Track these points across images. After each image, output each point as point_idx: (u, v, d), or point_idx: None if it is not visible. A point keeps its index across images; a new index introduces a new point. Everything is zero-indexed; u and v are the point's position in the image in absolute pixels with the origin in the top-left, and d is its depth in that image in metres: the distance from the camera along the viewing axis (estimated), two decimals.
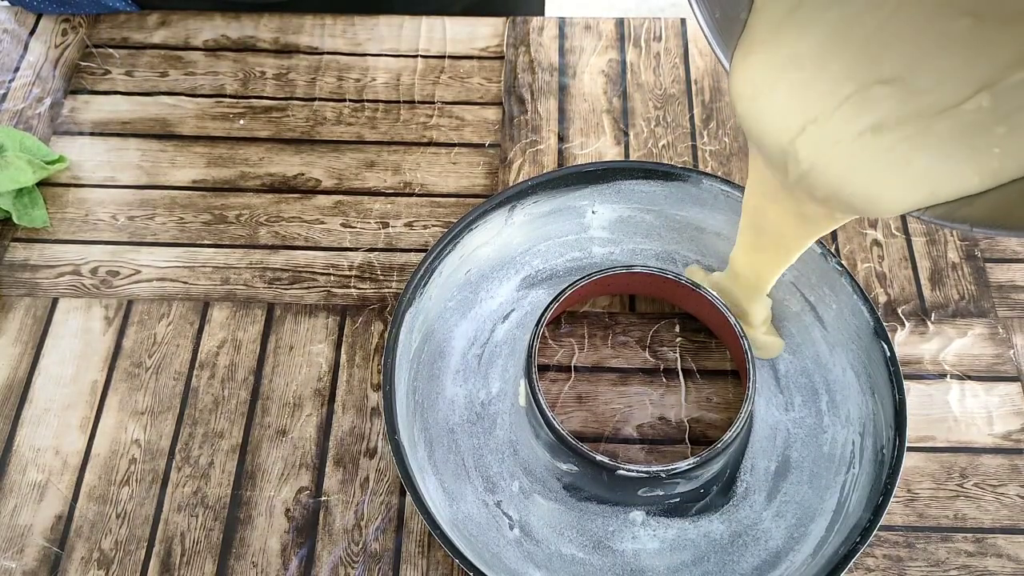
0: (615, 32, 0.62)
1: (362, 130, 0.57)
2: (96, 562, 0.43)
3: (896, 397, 0.42)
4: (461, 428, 0.46)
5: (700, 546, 0.43)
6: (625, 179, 0.50)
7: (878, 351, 0.44)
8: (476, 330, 0.49)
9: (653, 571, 0.42)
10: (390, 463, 0.46)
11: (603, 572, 0.42)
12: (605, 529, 0.43)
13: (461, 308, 0.49)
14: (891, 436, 0.42)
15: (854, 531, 0.40)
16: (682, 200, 0.50)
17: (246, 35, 0.61)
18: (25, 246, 0.52)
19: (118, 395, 0.47)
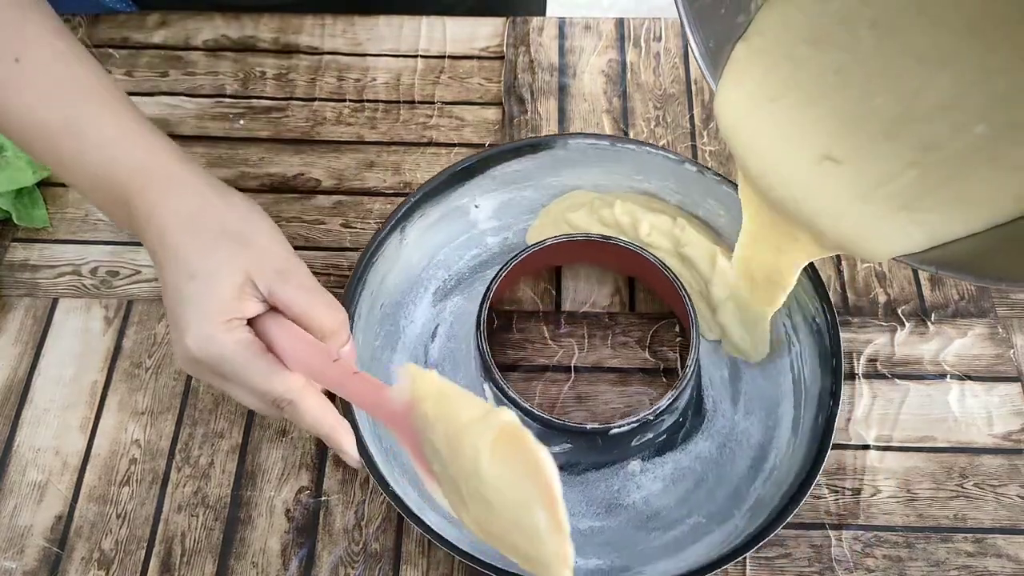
0: (615, 32, 0.62)
1: (362, 130, 0.57)
2: (96, 562, 0.43)
3: (808, 271, 0.45)
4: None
5: (696, 469, 0.46)
6: (496, 164, 0.51)
7: None
8: (411, 358, 0.48)
9: (665, 509, 0.45)
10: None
11: (623, 529, 0.44)
12: (610, 490, 0.45)
13: (389, 342, 0.48)
14: (817, 306, 0.46)
15: (823, 399, 0.44)
16: (554, 167, 0.51)
17: (246, 35, 0.61)
18: (25, 246, 0.52)
19: (118, 395, 0.47)
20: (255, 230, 0.40)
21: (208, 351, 0.37)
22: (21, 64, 0.39)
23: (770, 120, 0.38)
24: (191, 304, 0.37)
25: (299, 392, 0.38)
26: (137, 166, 0.39)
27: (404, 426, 0.36)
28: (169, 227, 0.38)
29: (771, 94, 0.38)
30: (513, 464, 0.32)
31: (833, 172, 0.37)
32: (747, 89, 0.38)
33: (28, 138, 0.40)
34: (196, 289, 0.37)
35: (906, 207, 0.36)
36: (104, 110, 0.40)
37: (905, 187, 0.36)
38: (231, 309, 0.37)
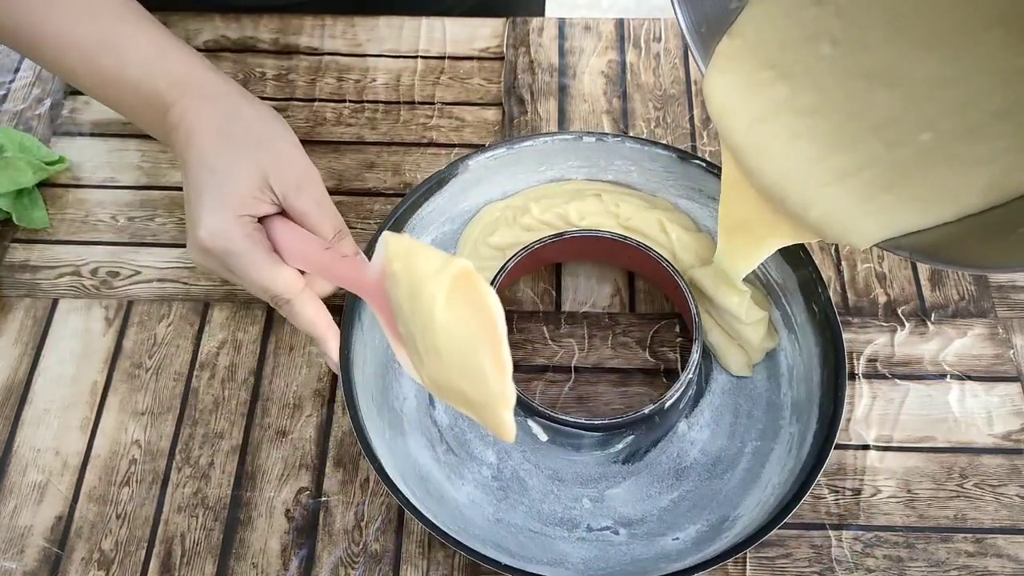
0: (615, 33, 0.62)
1: (362, 131, 0.57)
2: (96, 563, 0.43)
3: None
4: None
5: (728, 402, 0.48)
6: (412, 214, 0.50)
7: None
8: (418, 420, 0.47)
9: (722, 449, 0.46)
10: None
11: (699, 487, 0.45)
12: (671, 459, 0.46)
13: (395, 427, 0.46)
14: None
15: (827, 346, 0.45)
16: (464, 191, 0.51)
17: (246, 36, 0.61)
18: (25, 247, 0.52)
19: (118, 396, 0.47)
20: (278, 137, 0.43)
21: (218, 242, 0.40)
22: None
23: (755, 108, 0.39)
24: (208, 197, 0.40)
25: (297, 293, 0.41)
26: (174, 78, 0.43)
27: (378, 294, 0.39)
28: (198, 129, 0.41)
29: (756, 82, 0.39)
30: (464, 309, 0.34)
31: (811, 158, 0.38)
32: (733, 76, 0.40)
33: (66, 58, 0.43)
34: (215, 183, 0.40)
35: (880, 196, 0.37)
36: (138, 29, 0.43)
37: (878, 177, 0.37)
38: (245, 205, 0.40)
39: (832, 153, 0.38)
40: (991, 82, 0.35)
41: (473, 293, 0.34)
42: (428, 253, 0.36)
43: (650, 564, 0.42)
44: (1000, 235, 0.35)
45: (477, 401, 0.35)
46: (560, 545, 0.43)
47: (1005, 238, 0.34)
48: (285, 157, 0.42)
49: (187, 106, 0.42)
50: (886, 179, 0.37)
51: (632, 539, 0.44)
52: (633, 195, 0.52)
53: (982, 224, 0.35)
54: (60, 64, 0.43)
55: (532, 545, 0.43)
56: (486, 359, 0.34)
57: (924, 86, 0.36)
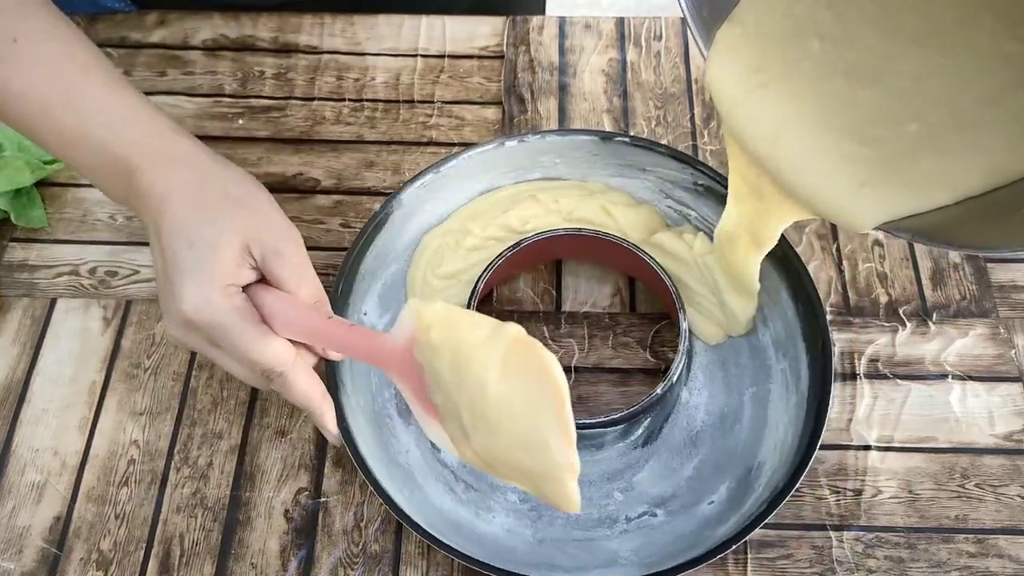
0: (615, 31, 0.62)
1: (361, 130, 0.57)
2: (95, 563, 0.43)
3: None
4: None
5: (715, 358, 0.49)
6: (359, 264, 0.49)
7: None
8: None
9: (726, 405, 0.47)
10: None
11: (715, 447, 0.46)
12: (683, 430, 0.47)
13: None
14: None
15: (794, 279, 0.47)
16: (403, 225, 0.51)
17: (245, 34, 0.61)
18: (23, 246, 0.52)
19: (117, 395, 0.47)
20: (255, 198, 0.41)
21: (204, 316, 0.37)
22: (19, 44, 0.39)
23: (758, 91, 0.39)
24: (190, 270, 0.38)
25: (290, 365, 0.39)
26: (139, 140, 0.40)
27: (404, 365, 0.37)
28: (170, 197, 0.39)
29: (758, 66, 0.39)
30: (521, 377, 0.33)
31: (813, 145, 0.38)
32: (733, 63, 0.40)
33: (28, 116, 0.40)
34: (196, 255, 0.38)
35: (880, 180, 0.37)
36: (104, 87, 0.41)
37: (877, 162, 0.37)
38: (229, 275, 0.38)
39: (832, 139, 0.38)
40: (978, 69, 0.35)
41: (532, 359, 0.33)
42: (472, 320, 0.34)
43: (696, 535, 0.43)
44: (1002, 216, 0.35)
45: (537, 473, 0.33)
46: (607, 544, 0.43)
47: (1007, 219, 0.35)
48: (264, 219, 0.40)
49: (157, 172, 0.39)
50: (885, 164, 0.37)
51: (671, 516, 0.44)
52: (566, 186, 0.52)
53: (984, 205, 0.36)
54: (25, 124, 0.41)
55: (582, 553, 0.43)
56: (550, 429, 0.32)
57: (910, 77, 0.37)
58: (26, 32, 0.40)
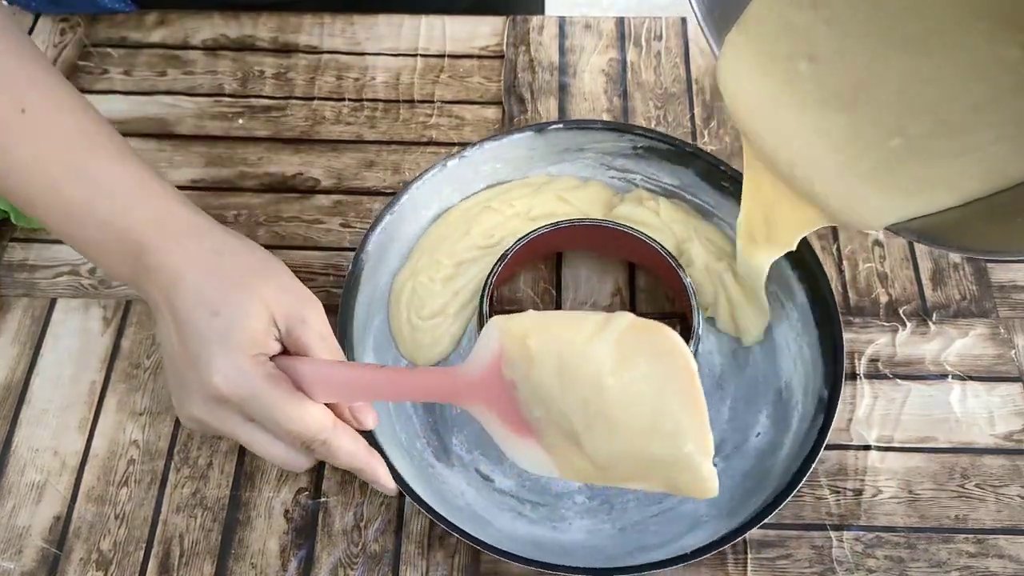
0: (615, 31, 0.62)
1: (361, 129, 0.57)
2: (95, 563, 0.43)
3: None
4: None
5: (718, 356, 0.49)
6: (351, 301, 0.48)
7: None
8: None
9: (727, 371, 0.48)
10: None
11: (741, 399, 0.47)
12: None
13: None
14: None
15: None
16: (379, 263, 0.50)
17: (245, 34, 0.61)
18: (23, 246, 0.52)
19: (116, 395, 0.47)
20: (272, 268, 0.40)
21: (239, 386, 0.36)
22: (27, 115, 0.38)
23: (767, 92, 0.40)
24: (217, 340, 0.36)
25: (332, 431, 0.37)
26: (151, 216, 0.39)
27: (490, 389, 0.35)
28: (186, 269, 0.37)
29: (763, 72, 0.40)
30: (642, 363, 0.32)
31: (824, 142, 0.39)
32: (743, 66, 0.40)
33: (33, 190, 0.39)
34: (222, 325, 0.36)
35: (886, 182, 0.38)
36: (113, 161, 0.39)
37: (881, 165, 0.38)
38: (258, 344, 0.37)
39: (837, 142, 0.38)
40: (977, 74, 0.35)
41: (654, 340, 0.32)
42: (572, 319, 0.33)
43: (758, 468, 0.44)
44: (1004, 220, 0.35)
45: (667, 462, 0.32)
46: (685, 507, 0.44)
47: (1009, 222, 0.35)
48: (285, 288, 0.39)
49: (169, 246, 0.38)
50: (892, 167, 0.37)
51: (727, 461, 0.45)
52: (513, 187, 0.52)
53: (987, 209, 0.36)
54: (25, 194, 0.39)
55: (666, 526, 0.43)
56: (681, 410, 0.31)
57: (911, 82, 0.37)
58: (34, 102, 0.38)
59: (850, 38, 0.38)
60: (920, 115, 0.37)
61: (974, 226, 0.36)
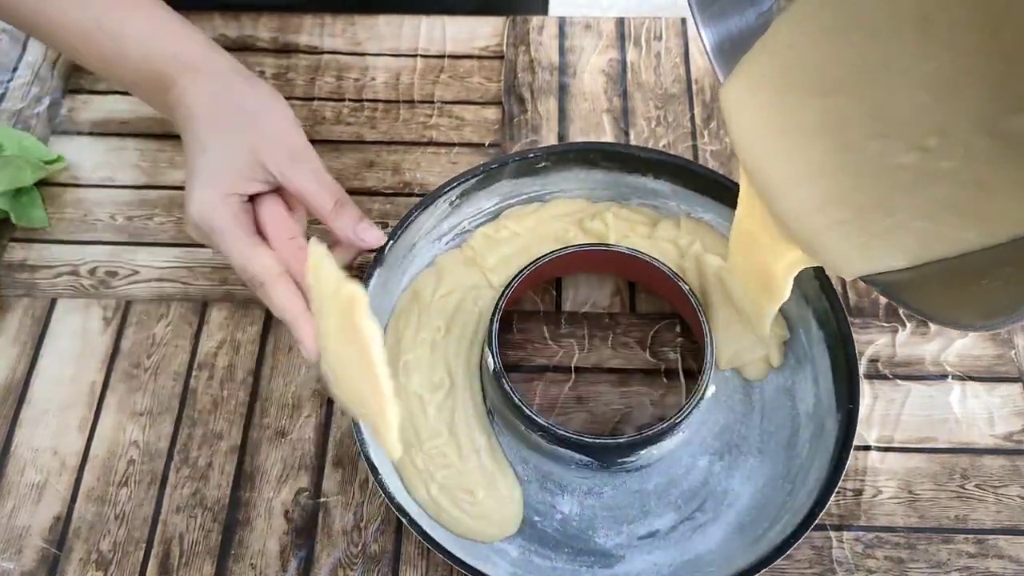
0: (615, 31, 0.62)
1: (361, 130, 0.57)
2: (95, 563, 0.43)
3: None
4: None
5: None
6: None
7: None
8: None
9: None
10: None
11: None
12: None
13: None
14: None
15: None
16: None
17: (245, 34, 0.61)
18: (23, 246, 0.52)
19: (116, 396, 0.47)
20: (272, 113, 0.43)
21: (203, 218, 0.41)
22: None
23: (768, 126, 0.39)
24: (199, 175, 0.41)
25: (272, 277, 0.41)
26: (172, 56, 0.43)
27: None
28: (194, 107, 0.42)
29: (770, 103, 0.39)
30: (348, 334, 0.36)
31: (812, 184, 0.38)
32: (746, 98, 0.39)
33: (69, 41, 0.44)
34: (205, 162, 0.41)
35: (859, 234, 0.37)
36: (135, 8, 0.44)
37: (859, 214, 0.37)
38: (234, 184, 0.41)
39: (824, 187, 0.38)
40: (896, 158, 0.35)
41: (355, 320, 0.35)
42: (329, 273, 0.36)
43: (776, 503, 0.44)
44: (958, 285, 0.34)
45: (368, 420, 0.37)
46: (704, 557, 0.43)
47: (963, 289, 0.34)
48: (278, 133, 0.42)
49: (186, 85, 0.43)
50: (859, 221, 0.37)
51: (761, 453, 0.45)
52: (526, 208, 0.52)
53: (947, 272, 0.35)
54: (64, 46, 0.45)
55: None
56: (366, 382, 0.35)
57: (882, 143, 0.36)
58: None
59: (860, 83, 0.37)
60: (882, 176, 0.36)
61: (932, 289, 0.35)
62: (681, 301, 0.47)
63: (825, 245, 0.38)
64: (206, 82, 0.43)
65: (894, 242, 0.36)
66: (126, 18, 0.43)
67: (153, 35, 0.44)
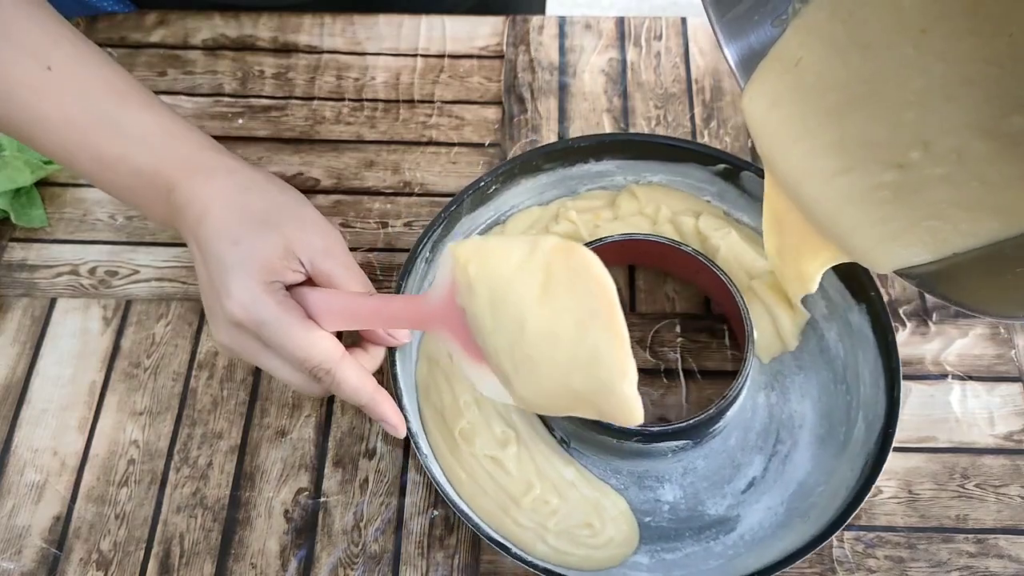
0: (615, 31, 0.62)
1: (361, 129, 0.57)
2: (95, 563, 0.43)
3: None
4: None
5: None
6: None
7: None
8: None
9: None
10: (390, 464, 0.45)
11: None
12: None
13: None
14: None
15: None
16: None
17: (245, 34, 0.61)
18: (23, 246, 0.52)
19: (116, 395, 0.47)
20: (296, 203, 0.42)
21: (250, 312, 0.38)
22: (53, 72, 0.40)
23: (793, 127, 0.40)
24: (234, 268, 0.38)
25: (337, 361, 0.39)
26: (177, 157, 0.41)
27: (447, 316, 0.35)
28: (211, 203, 0.40)
29: (792, 102, 0.40)
30: (565, 291, 0.31)
31: (843, 182, 0.38)
32: (767, 100, 0.40)
33: (67, 143, 0.41)
34: (240, 254, 0.38)
35: (894, 228, 0.38)
36: (141, 109, 0.42)
37: (893, 208, 0.37)
38: (274, 273, 0.39)
39: (855, 184, 0.39)
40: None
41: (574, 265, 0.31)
42: (506, 246, 0.33)
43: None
44: (993, 275, 0.35)
45: (591, 390, 0.32)
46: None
47: (999, 279, 0.35)
48: (308, 223, 0.41)
49: (195, 183, 0.40)
50: (894, 214, 0.38)
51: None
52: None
53: (983, 261, 0.35)
54: (60, 149, 0.41)
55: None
56: (599, 336, 0.31)
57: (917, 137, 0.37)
58: (59, 60, 0.40)
59: (879, 81, 0.37)
60: (924, 169, 0.36)
61: (967, 279, 0.36)
62: (708, 277, 0.47)
63: (857, 242, 0.39)
64: (222, 177, 0.41)
65: (916, 238, 0.37)
66: (134, 118, 0.41)
67: (160, 137, 0.41)
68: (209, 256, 0.39)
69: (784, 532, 0.43)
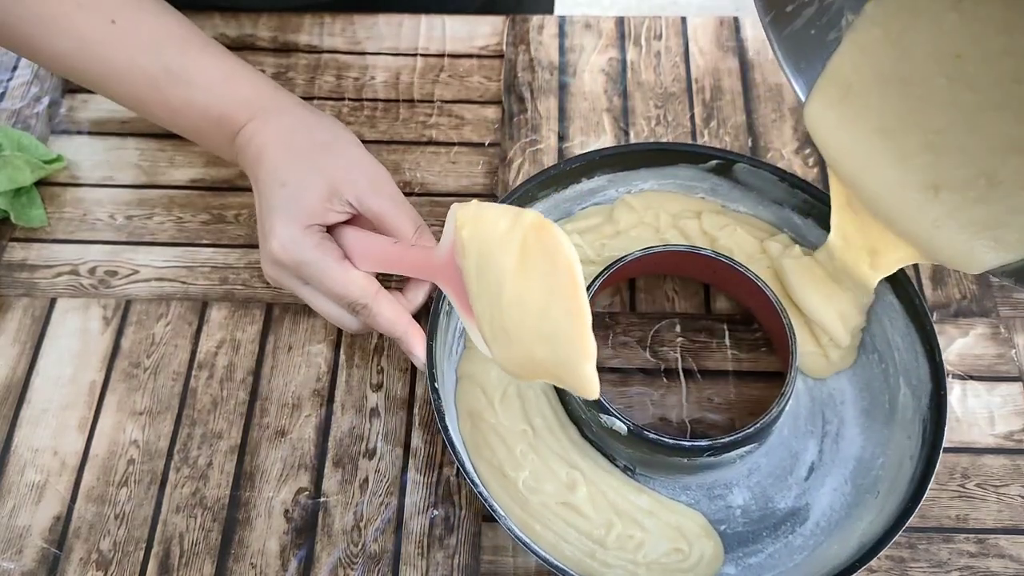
0: (615, 31, 0.62)
1: (361, 129, 0.57)
2: (95, 563, 0.43)
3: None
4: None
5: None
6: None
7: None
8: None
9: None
10: (390, 464, 0.45)
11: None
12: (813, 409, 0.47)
13: None
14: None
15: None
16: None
17: (245, 34, 0.61)
18: (23, 246, 0.52)
19: (116, 395, 0.47)
20: (343, 143, 0.44)
21: (291, 253, 0.41)
22: (117, 24, 0.43)
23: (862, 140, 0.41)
24: (279, 210, 0.41)
25: (373, 296, 0.42)
26: (243, 100, 0.44)
27: (449, 272, 0.38)
28: (267, 145, 0.43)
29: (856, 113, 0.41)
30: (538, 266, 0.32)
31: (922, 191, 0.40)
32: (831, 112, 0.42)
33: (135, 91, 0.44)
34: (284, 196, 0.41)
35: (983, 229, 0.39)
36: (202, 55, 0.45)
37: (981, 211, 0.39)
38: (314, 215, 0.41)
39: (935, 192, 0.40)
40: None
41: (546, 241, 0.32)
42: (496, 214, 0.34)
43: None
44: None
45: (555, 362, 0.33)
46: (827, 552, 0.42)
47: None
48: (353, 162, 0.43)
49: (256, 125, 0.43)
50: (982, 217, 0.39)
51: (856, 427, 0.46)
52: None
53: None
54: (129, 95, 0.45)
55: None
56: (560, 312, 0.32)
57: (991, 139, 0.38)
58: (122, 13, 0.43)
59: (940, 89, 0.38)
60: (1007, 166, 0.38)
61: None
62: (751, 291, 0.47)
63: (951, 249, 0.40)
64: (276, 119, 0.44)
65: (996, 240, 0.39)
66: (196, 64, 0.44)
67: (223, 81, 0.44)
68: (261, 196, 0.42)
69: (859, 511, 0.43)
